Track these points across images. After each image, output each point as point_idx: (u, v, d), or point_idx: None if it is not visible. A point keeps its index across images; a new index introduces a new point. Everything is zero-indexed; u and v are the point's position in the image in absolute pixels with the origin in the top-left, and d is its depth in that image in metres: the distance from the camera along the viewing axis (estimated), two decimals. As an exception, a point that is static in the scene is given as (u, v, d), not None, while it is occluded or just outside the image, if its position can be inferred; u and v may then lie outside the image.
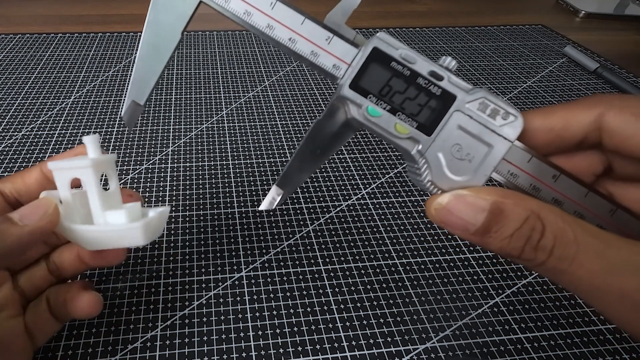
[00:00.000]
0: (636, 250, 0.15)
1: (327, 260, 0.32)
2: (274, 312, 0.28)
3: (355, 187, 0.38)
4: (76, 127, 0.44)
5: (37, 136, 0.42)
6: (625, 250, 0.15)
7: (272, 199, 0.20)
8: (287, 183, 0.20)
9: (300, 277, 0.30)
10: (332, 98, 0.19)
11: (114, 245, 0.21)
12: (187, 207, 0.35)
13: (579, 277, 0.15)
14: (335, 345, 0.27)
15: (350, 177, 0.39)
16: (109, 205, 0.22)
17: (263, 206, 0.20)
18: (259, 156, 0.41)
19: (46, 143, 0.41)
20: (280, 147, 0.42)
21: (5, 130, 0.43)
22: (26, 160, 0.39)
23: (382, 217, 0.35)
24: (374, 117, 0.18)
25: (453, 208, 0.17)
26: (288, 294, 0.29)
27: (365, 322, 0.28)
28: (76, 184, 0.22)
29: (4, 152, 0.40)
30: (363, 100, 0.18)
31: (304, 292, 0.30)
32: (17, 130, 0.43)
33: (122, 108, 0.21)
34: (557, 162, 0.18)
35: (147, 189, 0.37)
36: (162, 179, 0.38)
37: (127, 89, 0.20)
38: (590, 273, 0.15)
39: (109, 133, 0.43)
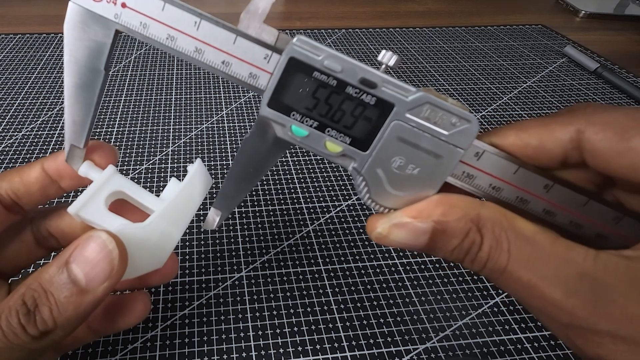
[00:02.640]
0: (565, 259, 0.14)
1: (327, 260, 0.32)
2: (274, 312, 0.28)
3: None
4: (76, 127, 0.44)
5: (37, 136, 0.42)
6: (553, 258, 0.14)
7: (212, 219, 0.19)
8: (224, 204, 0.19)
9: (300, 277, 0.30)
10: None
11: (188, 211, 0.20)
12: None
13: (508, 287, 0.15)
14: (335, 345, 0.27)
15: (351, 177, 0.39)
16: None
17: (204, 226, 0.20)
18: (259, 156, 0.41)
19: (46, 143, 0.41)
20: (280, 147, 0.42)
21: (5, 130, 0.43)
22: (26, 160, 0.39)
23: (382, 217, 0.35)
24: (300, 137, 0.16)
25: (394, 236, 0.16)
26: (288, 294, 0.29)
27: (365, 322, 0.28)
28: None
29: (4, 152, 0.40)
30: (285, 119, 0.16)
31: (304, 292, 0.30)
32: (17, 130, 0.43)
33: (64, 153, 0.19)
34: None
35: (147, 189, 0.37)
36: (162, 179, 0.38)
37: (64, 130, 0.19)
38: (517, 284, 0.14)
39: (109, 133, 0.43)
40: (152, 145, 0.42)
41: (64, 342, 0.22)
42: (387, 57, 0.15)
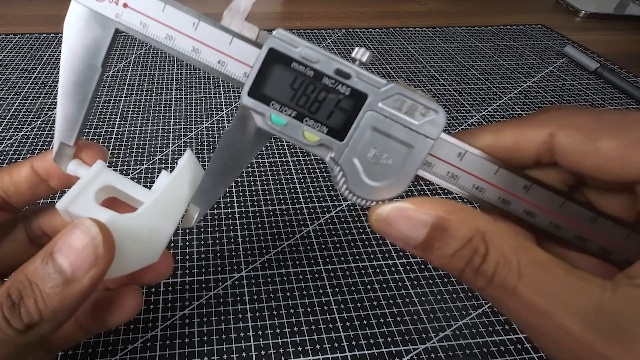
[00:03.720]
0: (582, 289, 0.13)
1: (327, 260, 0.32)
2: (274, 312, 0.28)
3: (355, 187, 0.38)
4: (76, 127, 0.44)
5: (37, 136, 0.42)
6: (570, 287, 0.13)
7: (190, 216, 0.19)
8: (203, 199, 0.19)
9: (300, 277, 0.30)
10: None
11: (181, 203, 0.19)
12: (187, 207, 0.35)
13: (516, 310, 0.14)
14: (335, 345, 0.27)
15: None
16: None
17: (182, 224, 0.19)
18: (259, 156, 0.41)
19: (46, 143, 0.41)
20: (280, 147, 0.42)
21: (5, 130, 0.43)
22: (26, 160, 0.39)
23: (382, 217, 0.35)
24: (279, 125, 0.16)
25: (393, 221, 0.15)
26: (288, 294, 0.29)
27: (365, 322, 0.28)
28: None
29: (4, 152, 0.40)
30: (265, 109, 0.16)
31: (304, 292, 0.30)
32: (17, 130, 0.43)
33: (52, 151, 0.19)
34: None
35: (147, 189, 0.37)
36: (162, 179, 0.38)
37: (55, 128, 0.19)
38: (528, 308, 0.14)
39: (109, 133, 0.43)
40: (152, 145, 0.42)
41: (55, 341, 0.21)
42: (360, 54, 0.16)
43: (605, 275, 0.14)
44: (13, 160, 0.39)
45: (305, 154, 0.41)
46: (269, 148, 0.42)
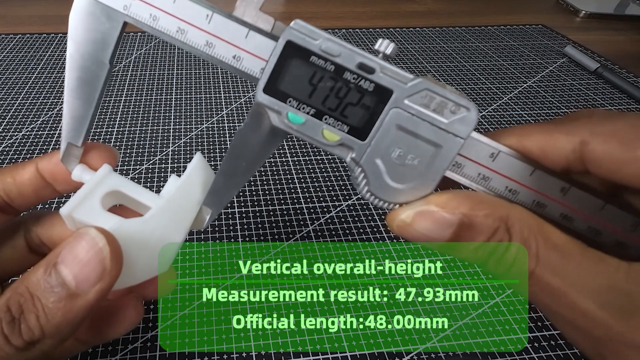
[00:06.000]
0: (596, 270, 0.13)
1: (327, 260, 0.32)
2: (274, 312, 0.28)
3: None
4: (76, 127, 0.43)
5: (37, 136, 0.42)
6: (584, 268, 0.13)
7: (201, 218, 0.19)
8: (215, 201, 0.18)
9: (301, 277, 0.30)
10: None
11: (191, 207, 0.18)
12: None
13: (533, 292, 0.14)
14: (336, 345, 0.27)
15: (351, 177, 0.39)
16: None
17: (193, 227, 0.19)
18: (259, 156, 0.41)
19: (46, 143, 0.41)
20: (280, 147, 0.42)
21: (6, 131, 0.43)
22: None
23: (382, 216, 0.35)
24: (296, 124, 0.15)
25: (418, 226, 0.15)
26: (288, 294, 0.29)
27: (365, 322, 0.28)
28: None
29: (4, 152, 0.40)
30: (282, 106, 0.15)
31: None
32: (17, 130, 0.43)
33: (60, 152, 0.18)
34: None
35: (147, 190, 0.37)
36: (162, 179, 0.38)
37: (61, 128, 0.18)
38: (545, 290, 0.14)
39: (109, 133, 0.43)
40: (152, 145, 0.42)
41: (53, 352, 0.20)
42: (384, 46, 0.15)
43: None
44: (13, 161, 0.39)
45: (306, 153, 0.41)
46: (269, 148, 0.42)
